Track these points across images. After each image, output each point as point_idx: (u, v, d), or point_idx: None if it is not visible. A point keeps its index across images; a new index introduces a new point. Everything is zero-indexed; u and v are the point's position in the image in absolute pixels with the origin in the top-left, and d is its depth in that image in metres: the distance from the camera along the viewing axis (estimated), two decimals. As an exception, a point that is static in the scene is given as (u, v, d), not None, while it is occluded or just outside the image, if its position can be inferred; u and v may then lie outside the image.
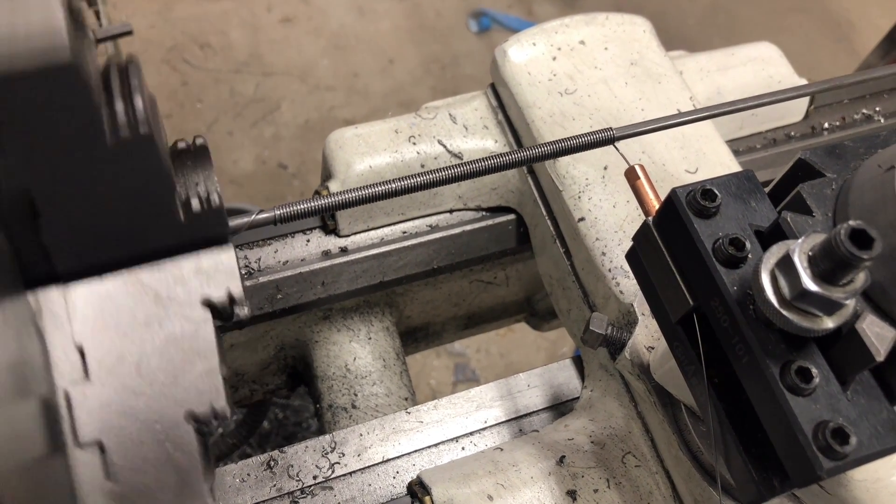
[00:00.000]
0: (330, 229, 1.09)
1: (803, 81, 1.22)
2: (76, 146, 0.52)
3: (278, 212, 0.69)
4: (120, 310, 0.59)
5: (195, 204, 0.60)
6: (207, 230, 0.61)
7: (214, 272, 0.61)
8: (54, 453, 0.56)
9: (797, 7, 4.10)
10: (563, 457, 0.89)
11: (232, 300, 0.62)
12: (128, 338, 0.59)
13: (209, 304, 0.61)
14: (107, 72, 0.56)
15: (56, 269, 0.58)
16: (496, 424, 1.01)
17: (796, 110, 1.24)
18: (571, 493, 0.86)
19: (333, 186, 1.05)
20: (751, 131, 1.22)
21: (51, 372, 0.57)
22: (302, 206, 0.69)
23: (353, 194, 0.70)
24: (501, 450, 0.91)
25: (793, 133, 1.26)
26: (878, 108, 1.32)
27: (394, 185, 0.71)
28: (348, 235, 1.09)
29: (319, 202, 0.70)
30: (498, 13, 3.85)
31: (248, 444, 2.27)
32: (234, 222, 0.66)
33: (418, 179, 0.72)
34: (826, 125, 1.28)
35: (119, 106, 0.54)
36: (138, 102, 0.54)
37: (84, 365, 0.58)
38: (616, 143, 0.79)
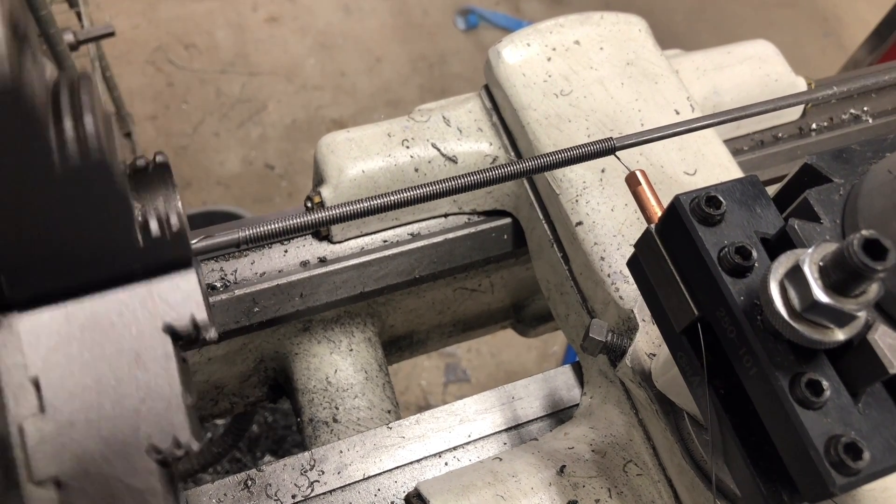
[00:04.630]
0: (322, 235, 1.06)
1: (800, 79, 1.21)
2: (23, 172, 0.49)
3: (249, 231, 0.66)
4: (76, 340, 0.56)
5: (154, 227, 0.57)
6: (168, 254, 0.58)
7: (176, 298, 0.58)
8: (8, 491, 0.53)
9: (785, 2, 4.11)
10: (564, 466, 0.87)
11: (196, 326, 0.58)
12: (85, 368, 0.55)
13: (171, 332, 0.58)
14: (56, 90, 0.52)
15: (8, 299, 0.55)
16: (479, 438, 0.99)
17: (794, 108, 1.23)
18: (573, 504, 0.85)
19: (326, 192, 1.02)
20: (748, 130, 1.21)
21: (4, 405, 0.54)
22: (278, 225, 0.67)
23: (344, 209, 0.68)
24: (500, 459, 0.90)
25: (781, 134, 1.25)
26: (865, 108, 1.31)
27: (379, 202, 0.68)
28: (341, 241, 1.06)
29: (299, 220, 0.67)
30: (485, 10, 3.83)
31: (237, 449, 2.24)
32: (198, 244, 0.63)
33: (410, 194, 0.69)
34: (814, 125, 1.27)
35: (68, 128, 0.50)
36: (89, 124, 0.50)
37: (39, 398, 0.54)
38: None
